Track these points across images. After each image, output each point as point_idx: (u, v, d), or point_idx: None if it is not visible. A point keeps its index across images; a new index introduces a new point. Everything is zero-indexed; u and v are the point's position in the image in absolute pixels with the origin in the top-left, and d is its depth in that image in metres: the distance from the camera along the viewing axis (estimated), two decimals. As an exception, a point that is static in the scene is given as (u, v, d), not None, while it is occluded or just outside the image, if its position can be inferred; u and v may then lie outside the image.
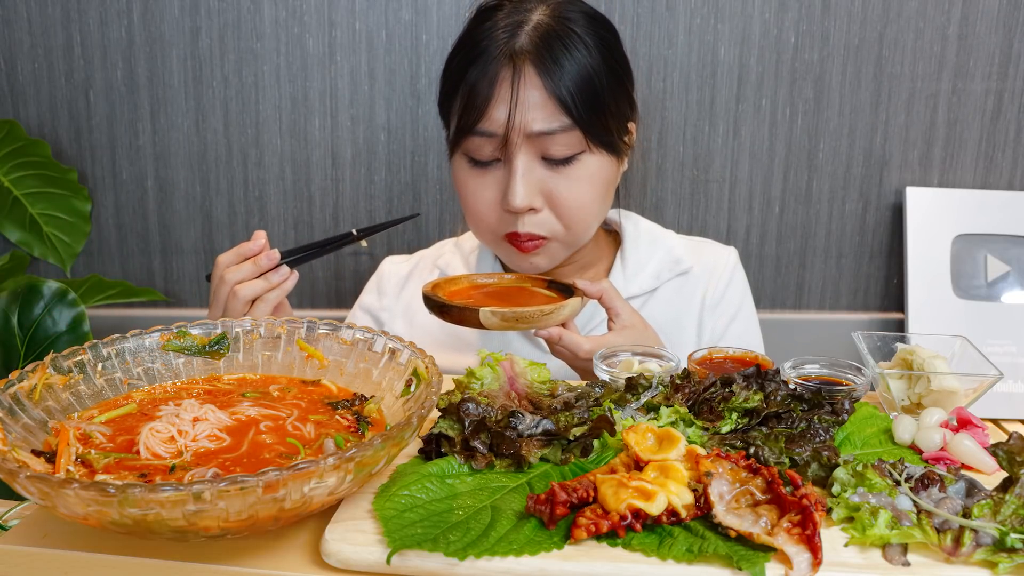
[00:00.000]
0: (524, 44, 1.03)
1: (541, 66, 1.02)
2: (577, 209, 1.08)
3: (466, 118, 1.05)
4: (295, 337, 0.83)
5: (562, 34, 1.03)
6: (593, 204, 1.10)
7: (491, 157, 1.07)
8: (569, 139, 1.04)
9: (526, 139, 1.03)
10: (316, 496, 0.56)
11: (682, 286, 1.24)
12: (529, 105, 1.02)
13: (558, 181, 1.07)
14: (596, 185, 1.09)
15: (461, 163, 1.10)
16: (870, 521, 0.59)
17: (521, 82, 1.01)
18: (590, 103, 1.03)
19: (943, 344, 0.85)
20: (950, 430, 0.73)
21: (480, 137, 1.05)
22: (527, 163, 1.05)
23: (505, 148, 1.04)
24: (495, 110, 1.03)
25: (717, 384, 0.77)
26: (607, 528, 0.58)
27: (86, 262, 1.71)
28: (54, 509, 0.54)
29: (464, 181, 1.10)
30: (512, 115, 1.02)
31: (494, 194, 1.08)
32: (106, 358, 0.77)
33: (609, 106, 1.06)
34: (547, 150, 1.05)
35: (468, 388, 0.76)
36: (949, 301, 1.59)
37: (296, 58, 1.60)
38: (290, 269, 1.06)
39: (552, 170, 1.06)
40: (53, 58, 1.61)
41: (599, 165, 1.08)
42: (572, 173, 1.07)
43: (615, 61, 1.08)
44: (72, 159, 1.66)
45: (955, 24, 1.55)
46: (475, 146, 1.06)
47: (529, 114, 1.02)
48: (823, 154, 1.63)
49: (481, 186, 1.09)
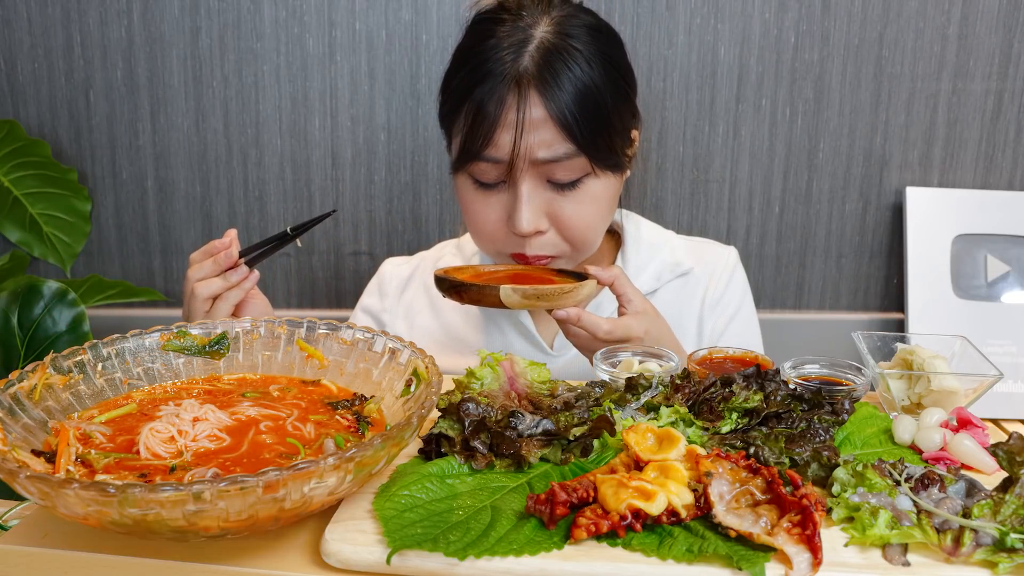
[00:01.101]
0: (528, 66, 1.01)
1: (545, 90, 1.01)
2: (583, 230, 1.08)
3: (472, 143, 1.04)
4: (295, 337, 0.83)
5: (566, 54, 1.02)
6: (598, 223, 1.11)
7: (496, 180, 1.06)
8: (574, 164, 1.04)
9: (531, 164, 1.03)
10: (316, 496, 0.56)
11: (682, 287, 1.24)
12: (534, 132, 1.01)
13: (563, 203, 1.06)
14: (601, 205, 1.09)
15: (466, 183, 1.09)
16: (870, 521, 0.59)
17: (526, 107, 1.01)
18: (594, 126, 1.03)
19: (943, 344, 0.85)
20: (950, 430, 0.73)
21: (485, 163, 1.04)
22: (532, 187, 1.05)
23: (511, 173, 1.04)
24: (501, 136, 1.02)
25: (717, 384, 0.77)
26: (607, 528, 0.58)
27: (86, 262, 1.71)
28: (54, 509, 0.54)
29: (469, 201, 1.10)
30: (517, 142, 1.01)
31: (500, 215, 1.08)
32: (106, 358, 0.77)
33: (614, 125, 1.05)
34: (552, 175, 1.04)
35: (468, 388, 0.76)
36: (949, 301, 1.59)
37: (296, 58, 1.60)
38: (249, 268, 1.05)
39: (557, 192, 1.06)
40: (53, 58, 1.61)
41: (604, 186, 1.08)
42: (577, 195, 1.06)
43: (619, 74, 1.07)
44: (72, 159, 1.66)
45: (955, 24, 1.55)
46: (480, 170, 1.06)
47: (534, 141, 1.02)
48: (823, 154, 1.63)
49: (487, 207, 1.08)
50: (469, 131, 1.04)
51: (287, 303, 1.73)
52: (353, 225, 1.68)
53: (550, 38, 1.03)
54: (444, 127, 1.13)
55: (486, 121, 1.02)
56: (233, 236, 1.05)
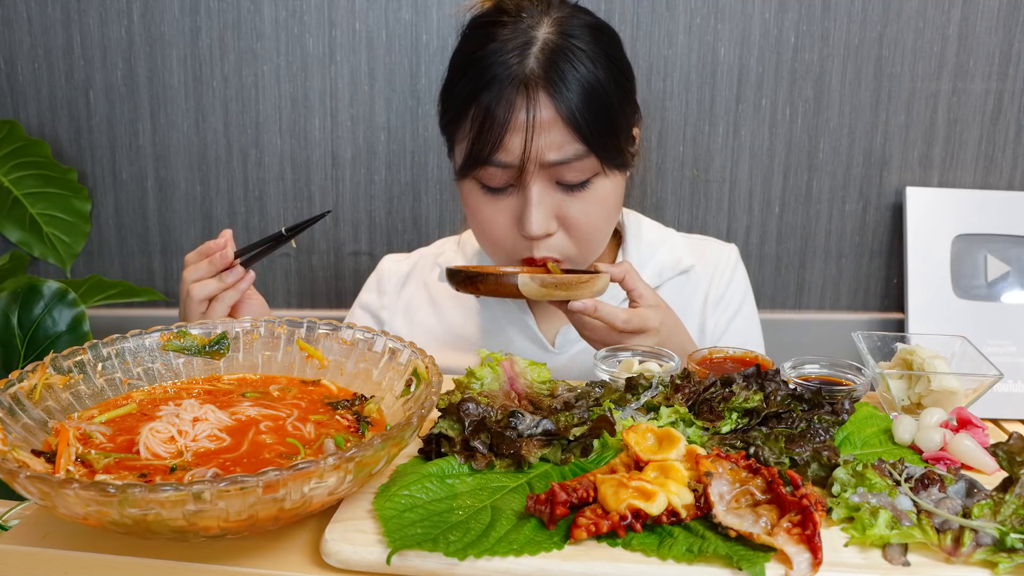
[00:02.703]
0: (534, 68, 1.01)
1: (554, 91, 1.00)
2: (591, 232, 1.08)
3: (480, 148, 1.03)
4: (295, 337, 0.83)
5: (570, 54, 1.02)
6: (605, 223, 1.11)
7: (505, 184, 1.06)
8: (584, 165, 1.04)
9: (541, 167, 1.03)
10: (316, 496, 0.56)
11: (684, 285, 1.24)
12: (544, 134, 1.01)
13: (572, 204, 1.06)
14: (608, 205, 1.09)
15: (473, 188, 1.08)
16: (870, 521, 0.59)
17: (536, 109, 1.00)
18: (602, 125, 1.03)
19: (943, 344, 0.85)
20: (950, 430, 0.73)
21: (495, 168, 1.04)
22: (542, 190, 1.04)
23: (520, 177, 1.03)
24: (511, 140, 1.01)
25: (717, 384, 0.77)
26: (607, 528, 0.58)
27: (86, 262, 1.71)
28: (54, 509, 0.54)
29: (477, 207, 1.09)
30: (528, 146, 1.01)
31: (508, 219, 1.07)
32: (106, 358, 0.77)
33: (619, 123, 1.05)
34: (562, 176, 1.04)
35: (468, 388, 0.76)
36: (949, 301, 1.59)
37: (296, 58, 1.60)
38: (245, 269, 1.05)
39: (566, 193, 1.06)
40: (53, 58, 1.61)
41: (612, 187, 1.08)
42: (586, 196, 1.06)
43: (620, 72, 1.07)
44: (72, 159, 1.66)
45: (955, 24, 1.56)
46: (489, 175, 1.05)
47: (544, 143, 1.01)
48: (823, 154, 1.63)
49: (495, 211, 1.08)
50: (477, 136, 1.03)
51: (287, 303, 1.73)
52: (353, 225, 1.68)
53: (553, 38, 1.02)
54: (446, 134, 1.12)
55: (495, 125, 1.01)
56: (228, 237, 1.04)
